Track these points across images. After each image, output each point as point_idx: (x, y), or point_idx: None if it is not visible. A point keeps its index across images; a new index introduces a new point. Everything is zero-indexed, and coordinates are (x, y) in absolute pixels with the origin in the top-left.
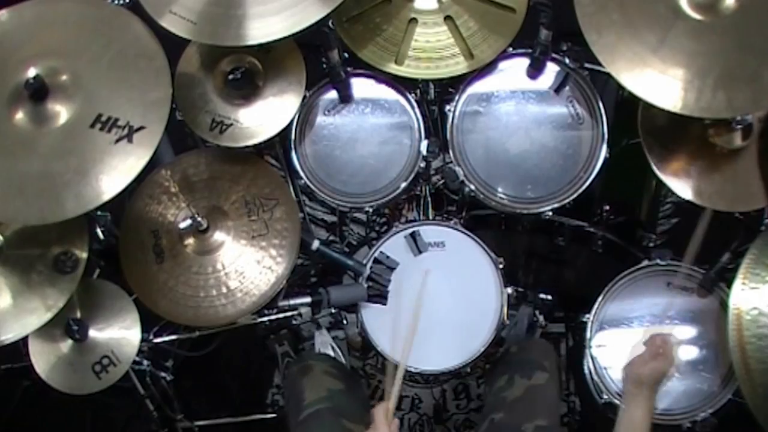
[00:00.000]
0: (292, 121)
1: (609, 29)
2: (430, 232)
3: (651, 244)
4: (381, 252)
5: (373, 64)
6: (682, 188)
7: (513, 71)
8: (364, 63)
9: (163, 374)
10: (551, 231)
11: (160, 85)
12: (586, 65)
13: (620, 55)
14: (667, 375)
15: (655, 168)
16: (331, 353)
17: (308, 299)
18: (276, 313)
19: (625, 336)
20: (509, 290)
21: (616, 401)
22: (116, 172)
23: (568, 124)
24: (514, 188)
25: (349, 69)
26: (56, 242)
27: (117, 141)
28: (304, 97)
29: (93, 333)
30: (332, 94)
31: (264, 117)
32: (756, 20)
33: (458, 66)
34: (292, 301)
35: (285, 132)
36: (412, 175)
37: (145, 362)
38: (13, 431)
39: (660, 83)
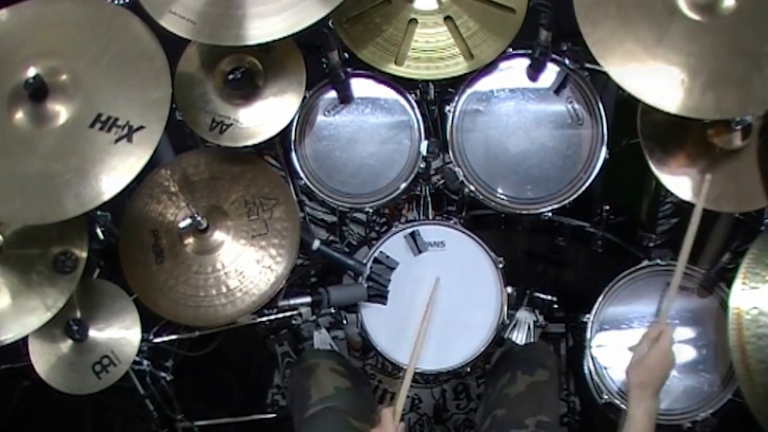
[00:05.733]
0: (292, 121)
1: (604, 23)
2: (430, 231)
3: (651, 244)
4: (381, 252)
5: (372, 64)
6: (685, 190)
7: (513, 71)
8: (364, 63)
9: (163, 374)
10: (551, 231)
11: (160, 85)
12: (586, 66)
13: (613, 50)
14: (669, 364)
15: (656, 171)
16: None
17: (308, 299)
18: (276, 313)
19: (625, 336)
20: (509, 290)
21: (616, 401)
22: (116, 172)
23: (568, 124)
24: (514, 188)
25: (348, 69)
26: (56, 242)
27: (117, 141)
28: (304, 97)
29: (93, 333)
30: (332, 94)
31: (264, 117)
32: (751, 24)
33: (458, 66)
34: (292, 301)
35: (285, 132)
36: (412, 176)
37: (145, 362)
38: (13, 431)
39: (650, 80)
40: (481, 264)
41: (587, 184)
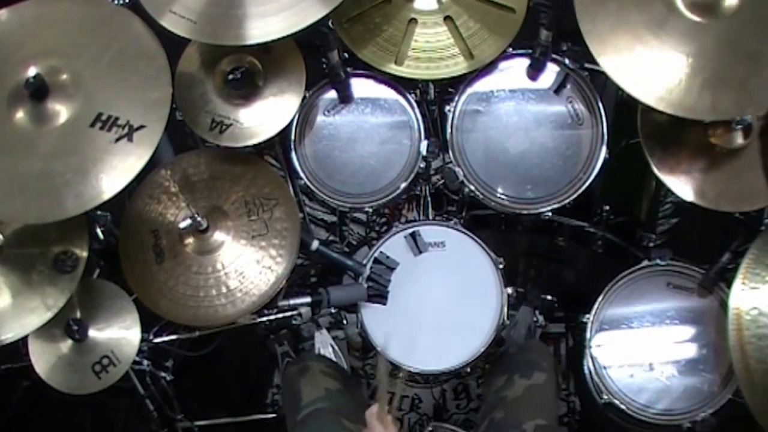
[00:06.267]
0: (292, 121)
1: (604, 19)
2: (430, 232)
3: (651, 244)
4: (381, 252)
5: (372, 64)
6: (685, 190)
7: (513, 71)
8: (364, 63)
9: (163, 374)
10: (551, 231)
11: (160, 85)
12: (586, 65)
13: (611, 46)
14: None
15: (656, 171)
16: (331, 353)
17: (308, 299)
18: (276, 313)
19: (625, 336)
20: (509, 290)
21: (616, 401)
22: (116, 172)
23: (568, 124)
24: (514, 188)
25: (348, 69)
26: (56, 241)
27: (117, 140)
28: (304, 97)
29: (93, 333)
30: (332, 94)
31: (264, 117)
32: (750, 26)
33: (458, 66)
34: (292, 301)
35: (285, 132)
36: (412, 176)
37: (145, 362)
38: (13, 431)
39: (647, 78)
40: (481, 264)
41: (587, 184)
